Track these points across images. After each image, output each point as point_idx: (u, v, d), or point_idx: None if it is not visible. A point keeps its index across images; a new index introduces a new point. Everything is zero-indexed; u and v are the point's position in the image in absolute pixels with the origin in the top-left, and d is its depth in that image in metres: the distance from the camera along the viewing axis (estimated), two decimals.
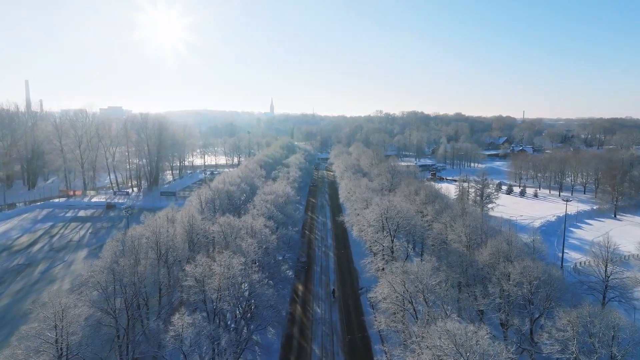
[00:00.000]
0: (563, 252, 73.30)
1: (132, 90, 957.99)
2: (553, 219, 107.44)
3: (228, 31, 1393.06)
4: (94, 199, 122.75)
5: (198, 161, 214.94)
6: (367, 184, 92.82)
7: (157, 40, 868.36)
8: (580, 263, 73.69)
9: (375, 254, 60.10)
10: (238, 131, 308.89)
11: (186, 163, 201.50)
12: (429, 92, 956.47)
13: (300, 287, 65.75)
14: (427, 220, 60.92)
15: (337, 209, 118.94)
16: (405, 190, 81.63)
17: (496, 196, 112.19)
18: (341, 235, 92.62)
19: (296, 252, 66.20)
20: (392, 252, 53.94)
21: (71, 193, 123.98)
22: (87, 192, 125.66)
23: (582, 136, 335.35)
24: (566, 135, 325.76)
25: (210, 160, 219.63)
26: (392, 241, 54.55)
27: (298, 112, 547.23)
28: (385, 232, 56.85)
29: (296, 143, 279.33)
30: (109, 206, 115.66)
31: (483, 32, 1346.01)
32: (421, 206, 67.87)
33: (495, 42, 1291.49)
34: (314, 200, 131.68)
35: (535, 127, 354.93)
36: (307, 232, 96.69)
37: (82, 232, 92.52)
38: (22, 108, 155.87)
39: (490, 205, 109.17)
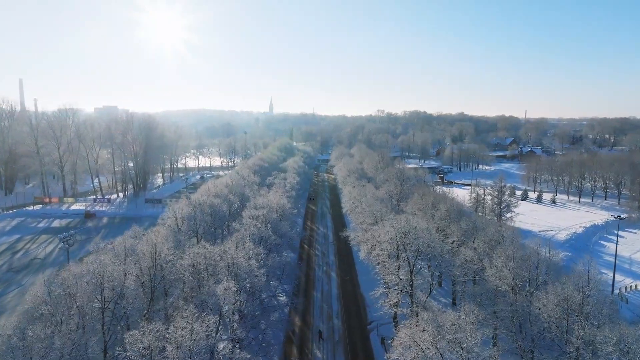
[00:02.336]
0: (614, 279, 62.11)
1: (131, 90, 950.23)
2: (580, 230, 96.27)
3: (228, 31, 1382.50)
4: (73, 207, 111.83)
5: (192, 163, 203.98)
6: (374, 193, 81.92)
7: (157, 40, 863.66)
8: (627, 288, 62.71)
9: (387, 285, 49.17)
10: (236, 131, 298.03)
11: (179, 165, 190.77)
12: (430, 91, 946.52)
13: (298, 321, 54.88)
14: (451, 243, 49.98)
15: (339, 217, 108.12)
16: (419, 202, 70.75)
17: (515, 204, 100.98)
18: (345, 250, 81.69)
19: (292, 283, 55.31)
20: (412, 286, 43.04)
21: (47, 200, 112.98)
22: (65, 199, 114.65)
23: (590, 136, 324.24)
24: (574, 136, 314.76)
25: (205, 162, 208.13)
26: (412, 272, 43.61)
27: (297, 111, 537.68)
28: (401, 260, 45.98)
29: (295, 144, 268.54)
30: (88, 215, 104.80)
31: (484, 31, 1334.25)
32: (441, 223, 56.93)
33: (495, 41, 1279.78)
34: (313, 208, 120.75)
35: (541, 127, 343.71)
36: (306, 246, 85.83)
37: (50, 248, 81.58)
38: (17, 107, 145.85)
39: (509, 215, 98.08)
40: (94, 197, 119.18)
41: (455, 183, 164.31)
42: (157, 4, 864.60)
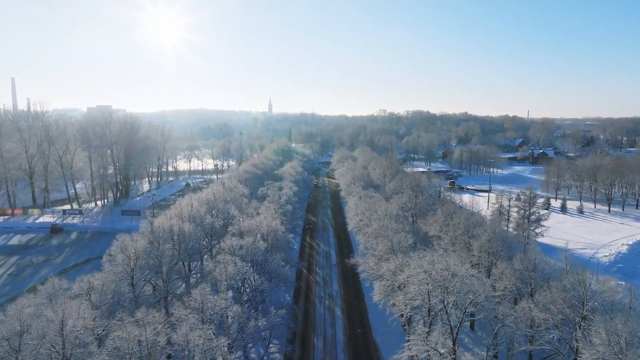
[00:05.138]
0: None
1: (130, 89, 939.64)
2: (624, 249, 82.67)
3: (227, 31, 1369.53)
4: (39, 220, 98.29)
5: (183, 166, 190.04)
6: (386, 208, 68.54)
7: (156, 40, 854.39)
8: None
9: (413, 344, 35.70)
10: (233, 131, 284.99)
11: (170, 168, 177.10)
12: (432, 91, 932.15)
13: None
14: (502, 290, 36.44)
15: (343, 232, 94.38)
16: (442, 222, 57.31)
17: (546, 217, 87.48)
18: (351, 277, 67.99)
19: (284, 340, 41.89)
20: None
21: (9, 212, 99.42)
22: (30, 210, 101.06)
23: (602, 137, 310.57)
24: (585, 136, 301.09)
25: (198, 165, 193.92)
26: (454, 340, 30.22)
27: (297, 111, 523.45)
28: (438, 320, 32.65)
29: (294, 145, 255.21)
30: (54, 229, 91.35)
31: (484, 31, 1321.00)
32: (482, 257, 43.47)
33: (496, 40, 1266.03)
34: (313, 219, 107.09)
35: (549, 128, 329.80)
36: (304, 270, 72.29)
37: None
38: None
39: (538, 230, 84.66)
40: (64, 207, 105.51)
41: (468, 189, 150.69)
42: (157, 3, 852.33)
